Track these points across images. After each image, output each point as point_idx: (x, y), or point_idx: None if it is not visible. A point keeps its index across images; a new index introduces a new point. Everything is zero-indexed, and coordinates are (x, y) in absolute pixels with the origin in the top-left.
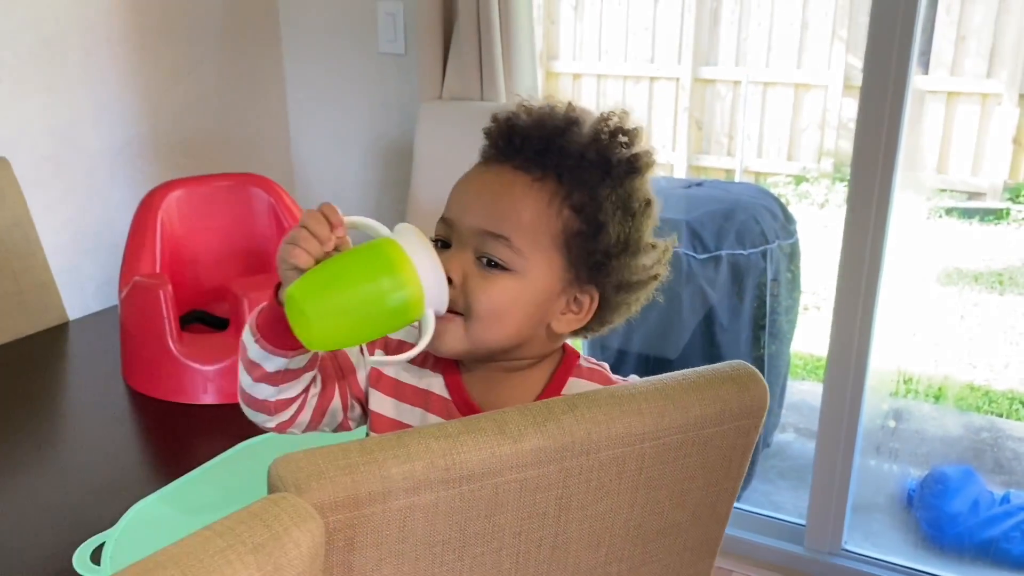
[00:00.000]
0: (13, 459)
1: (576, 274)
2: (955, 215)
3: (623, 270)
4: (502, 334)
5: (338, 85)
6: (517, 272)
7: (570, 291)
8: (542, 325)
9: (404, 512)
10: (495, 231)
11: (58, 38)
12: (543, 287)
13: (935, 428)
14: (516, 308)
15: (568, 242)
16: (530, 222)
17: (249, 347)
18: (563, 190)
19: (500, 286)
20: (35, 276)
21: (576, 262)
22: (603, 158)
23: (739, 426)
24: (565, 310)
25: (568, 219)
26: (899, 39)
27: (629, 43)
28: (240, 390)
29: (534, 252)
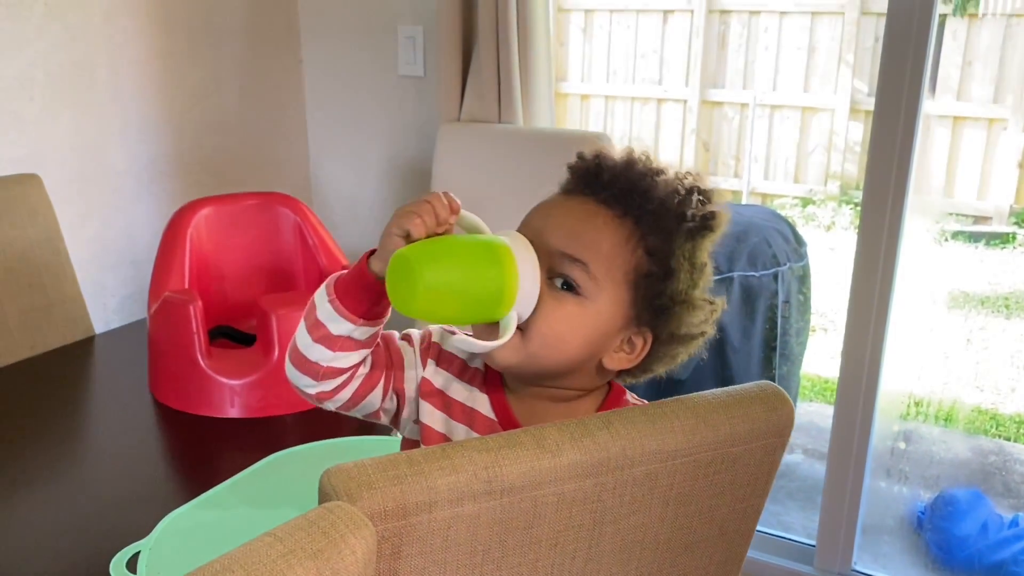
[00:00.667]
0: (46, 469)
1: (638, 314)
2: (962, 239)
3: (679, 320)
4: (558, 357)
5: (358, 106)
6: (587, 299)
7: (628, 330)
8: (595, 358)
9: (448, 522)
10: (575, 255)
11: (88, 59)
12: (606, 319)
13: (944, 451)
14: (577, 334)
15: (638, 281)
16: (608, 253)
17: (320, 306)
18: (640, 231)
19: (568, 309)
20: (64, 290)
21: (640, 302)
22: (681, 210)
23: (766, 444)
24: (619, 348)
25: (641, 259)
26: (911, 64)
27: (637, 65)
28: (292, 350)
29: (607, 282)
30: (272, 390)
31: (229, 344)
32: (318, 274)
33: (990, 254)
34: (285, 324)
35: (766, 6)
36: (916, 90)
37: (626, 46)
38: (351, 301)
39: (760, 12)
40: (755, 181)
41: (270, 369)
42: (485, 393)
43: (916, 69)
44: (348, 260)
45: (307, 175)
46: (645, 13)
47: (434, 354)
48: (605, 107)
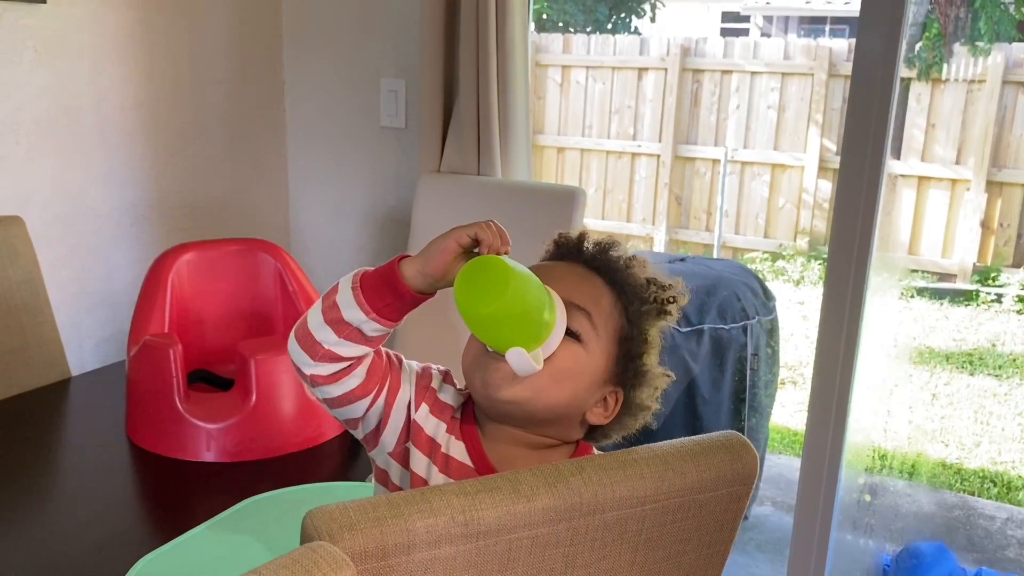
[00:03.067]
0: (20, 511)
1: (618, 372)
2: (927, 296)
3: (644, 388)
4: (557, 396)
5: (339, 156)
6: (587, 345)
7: (607, 386)
8: (580, 409)
9: (426, 564)
10: (581, 304)
11: (75, 105)
12: (598, 368)
13: (909, 504)
14: (576, 377)
15: (621, 341)
16: (605, 307)
17: (342, 290)
18: (622, 300)
19: (571, 351)
20: (42, 332)
21: (622, 361)
22: (650, 293)
23: (732, 492)
24: (598, 403)
25: (624, 323)
26: (874, 125)
27: (612, 120)
28: (300, 325)
29: (603, 333)
30: (249, 435)
31: (207, 388)
32: (297, 320)
33: (955, 311)
34: (263, 369)
35: (737, 66)
36: (879, 151)
37: (602, 101)
38: (373, 296)
39: (732, 72)
40: (726, 235)
41: (247, 414)
42: (461, 440)
43: (879, 130)
44: None
45: (287, 222)
46: (620, 70)
47: (430, 400)
48: (580, 160)
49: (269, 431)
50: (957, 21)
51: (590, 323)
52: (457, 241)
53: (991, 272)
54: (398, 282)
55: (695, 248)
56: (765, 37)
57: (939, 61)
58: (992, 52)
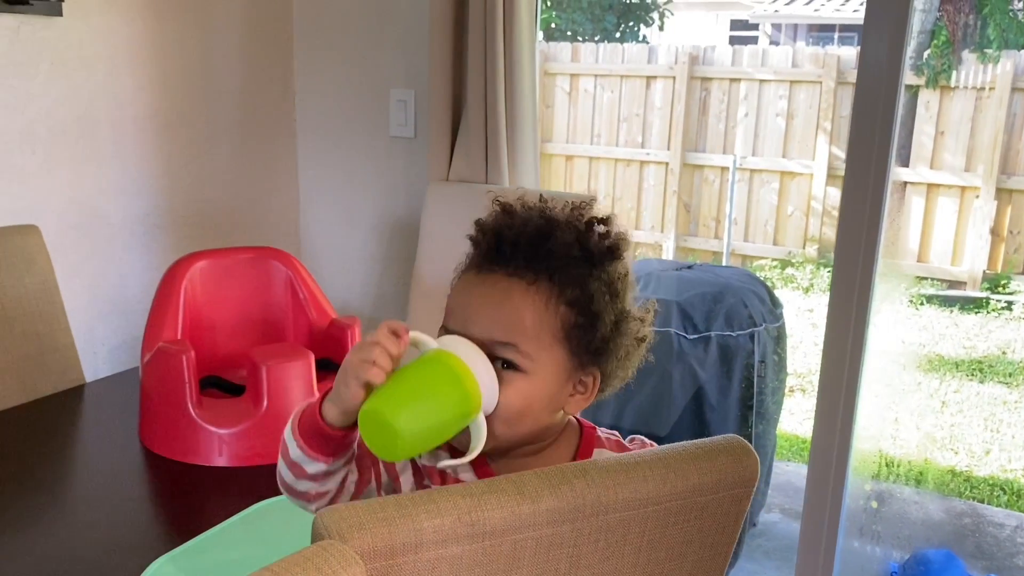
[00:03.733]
0: (36, 514)
1: (579, 361)
2: (936, 303)
3: (619, 346)
4: (523, 429)
5: (348, 165)
6: (528, 372)
7: (575, 376)
8: (557, 412)
9: (433, 563)
10: (502, 339)
11: (89, 115)
12: (552, 381)
13: (917, 511)
14: (533, 405)
15: (568, 335)
16: (532, 326)
17: (291, 448)
18: (556, 289)
19: (515, 387)
20: (57, 339)
21: (577, 351)
22: (587, 252)
23: (733, 494)
24: (573, 392)
25: (565, 315)
26: (879, 133)
27: (621, 128)
28: (280, 479)
29: (540, 352)
30: (259, 439)
31: (219, 394)
32: (308, 327)
33: (964, 319)
34: (274, 375)
35: (746, 74)
36: (884, 158)
37: (610, 109)
38: (316, 445)
39: (740, 80)
40: (735, 243)
41: (258, 419)
42: (470, 467)
43: (884, 137)
44: (336, 314)
45: (298, 230)
46: (629, 78)
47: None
48: (589, 168)
49: (280, 436)
50: (966, 28)
51: (519, 352)
52: (357, 380)
53: (1001, 280)
54: (329, 431)
55: (704, 256)
56: (774, 45)
57: (948, 68)
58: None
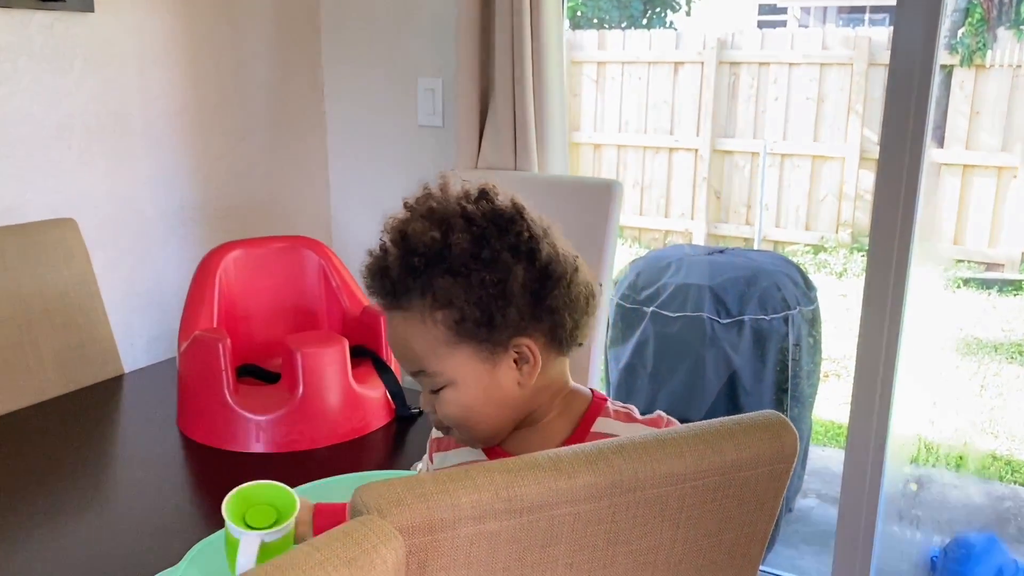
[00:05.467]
0: (81, 499)
1: (490, 345)
2: (973, 286)
3: (541, 303)
4: (487, 426)
5: (378, 155)
6: (450, 384)
7: (499, 357)
8: (513, 394)
9: (470, 539)
10: (413, 369)
11: (123, 110)
12: (476, 377)
13: (957, 496)
14: (474, 406)
15: (459, 333)
16: (421, 349)
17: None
18: (424, 303)
19: (451, 399)
20: (96, 331)
21: (480, 338)
22: (422, 259)
23: (772, 470)
24: (515, 369)
25: (441, 319)
26: (914, 114)
27: (649, 115)
28: None
29: (444, 363)
30: (296, 426)
31: (255, 382)
32: (341, 314)
33: (1003, 301)
34: (310, 362)
35: (775, 57)
36: (919, 139)
37: (638, 97)
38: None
39: (769, 63)
40: (767, 229)
41: (295, 406)
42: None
43: (919, 118)
44: (368, 301)
45: (328, 221)
46: (656, 65)
47: (434, 447)
48: (617, 156)
49: (316, 422)
50: (1001, 6)
51: (427, 374)
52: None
53: None
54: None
55: (735, 242)
56: (803, 28)
57: (982, 47)
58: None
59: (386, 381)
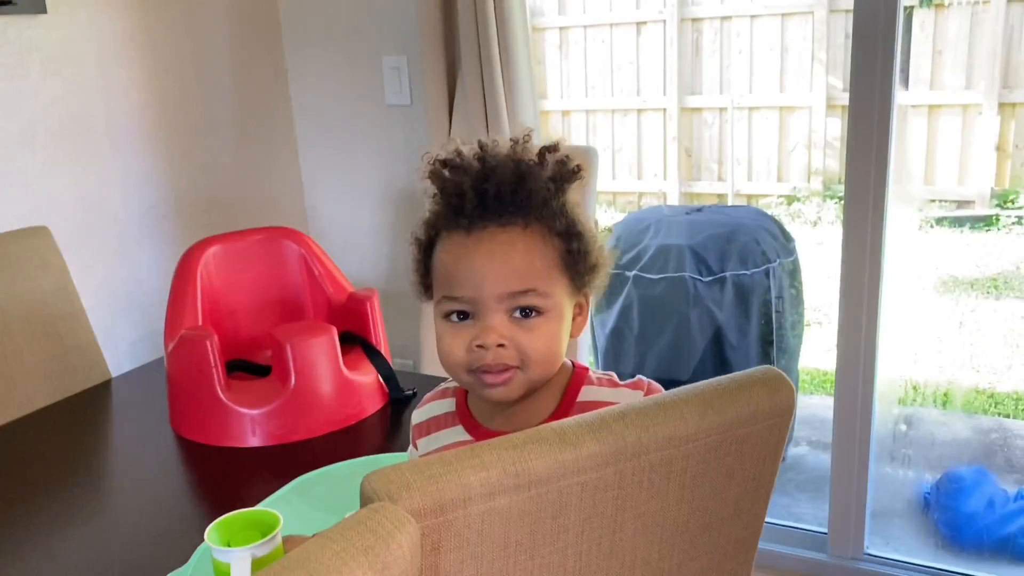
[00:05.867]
0: (80, 508)
1: (575, 285)
2: (946, 224)
3: (601, 258)
4: (552, 368)
5: (348, 138)
6: (550, 311)
7: (574, 300)
8: (566, 345)
9: (482, 516)
10: (522, 288)
11: (85, 111)
12: (562, 314)
13: (945, 432)
14: (559, 342)
15: (565, 263)
16: (542, 265)
17: None
18: (544, 224)
19: (544, 331)
20: (79, 337)
21: (573, 276)
22: (557, 184)
23: (771, 424)
24: (575, 316)
25: (557, 245)
26: (881, 57)
27: (615, 78)
28: None
29: (553, 289)
30: (291, 417)
31: (245, 376)
32: (326, 302)
33: (975, 237)
34: (299, 352)
35: (736, 11)
36: (888, 82)
37: (602, 60)
38: None
39: (731, 17)
40: (739, 183)
41: (288, 397)
42: (458, 423)
43: (886, 61)
44: (353, 287)
45: (303, 208)
46: (618, 26)
47: (418, 433)
48: (586, 121)
49: (311, 411)
50: None
51: (539, 295)
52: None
53: (1009, 195)
54: None
55: (709, 199)
56: None
57: None
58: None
59: (377, 365)
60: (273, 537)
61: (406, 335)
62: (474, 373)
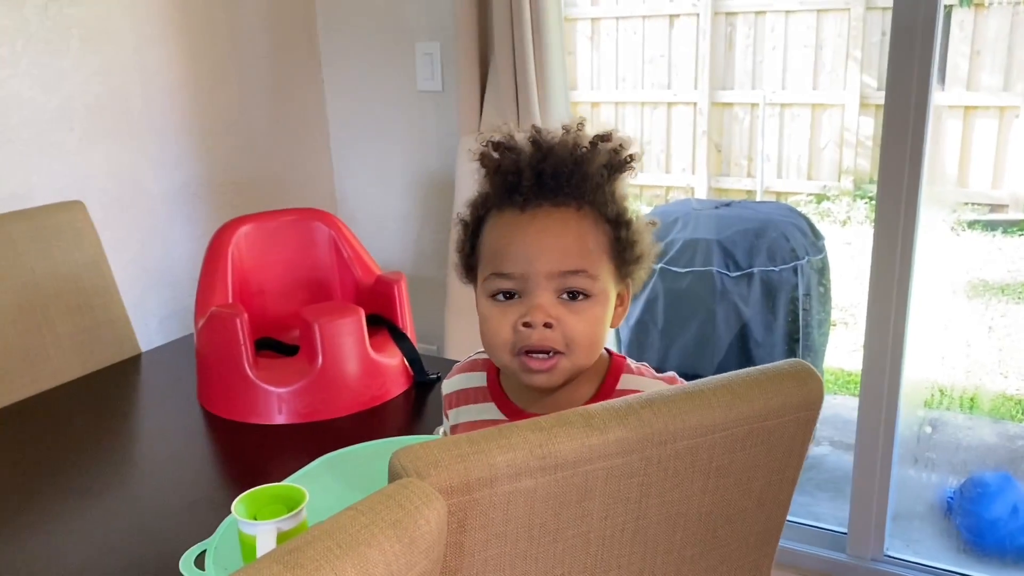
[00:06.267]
0: (109, 478)
1: (620, 274)
2: (978, 228)
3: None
4: (595, 355)
5: (378, 123)
6: (596, 295)
7: (618, 289)
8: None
9: (507, 497)
10: (573, 268)
11: (122, 89)
12: (608, 298)
13: (970, 437)
14: (603, 328)
15: (613, 250)
16: (593, 247)
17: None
18: (596, 209)
19: (590, 314)
20: (110, 312)
21: (619, 264)
22: (610, 171)
23: (799, 417)
24: (616, 306)
25: (608, 231)
26: (919, 56)
27: (646, 70)
28: None
29: (602, 271)
30: (317, 396)
31: (273, 355)
32: (354, 284)
33: (1008, 242)
34: (327, 332)
35: (771, 6)
36: (925, 82)
37: (633, 52)
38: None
39: (766, 12)
40: (768, 180)
41: (315, 377)
42: (492, 401)
43: (924, 61)
44: (380, 270)
45: (332, 191)
46: (651, 18)
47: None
48: (615, 113)
49: (337, 391)
50: None
51: (589, 277)
52: None
53: None
54: None
55: (737, 195)
56: None
57: None
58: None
59: (403, 348)
60: (299, 512)
61: (431, 320)
62: (518, 357)
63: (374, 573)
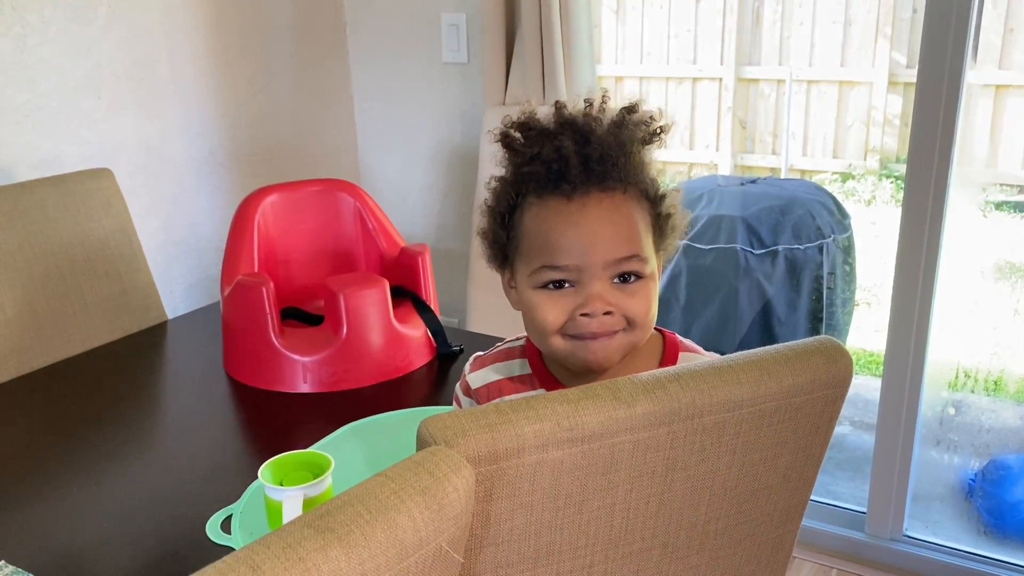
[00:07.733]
0: (135, 443)
1: (660, 247)
2: (1007, 209)
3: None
4: (650, 330)
5: (404, 94)
6: (648, 275)
7: (658, 260)
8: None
9: (534, 467)
10: (628, 254)
11: (149, 57)
12: (657, 273)
13: (993, 420)
14: (655, 303)
15: (655, 225)
16: (642, 229)
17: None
18: (636, 188)
19: (644, 294)
20: (138, 278)
21: (658, 238)
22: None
23: (827, 395)
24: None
25: (648, 209)
26: (953, 33)
27: (671, 45)
28: None
29: (650, 252)
30: (341, 365)
31: (298, 324)
32: (378, 255)
33: None
34: (352, 303)
35: None
36: (959, 59)
37: (659, 26)
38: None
39: None
40: (793, 158)
41: (339, 346)
42: (541, 387)
43: (959, 38)
44: (405, 242)
45: (356, 162)
46: None
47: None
48: (640, 88)
49: (361, 361)
50: None
51: (640, 259)
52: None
53: None
54: None
55: (762, 172)
56: None
57: None
58: None
59: (427, 320)
60: (324, 479)
61: (453, 293)
62: (572, 338)
63: (403, 539)
